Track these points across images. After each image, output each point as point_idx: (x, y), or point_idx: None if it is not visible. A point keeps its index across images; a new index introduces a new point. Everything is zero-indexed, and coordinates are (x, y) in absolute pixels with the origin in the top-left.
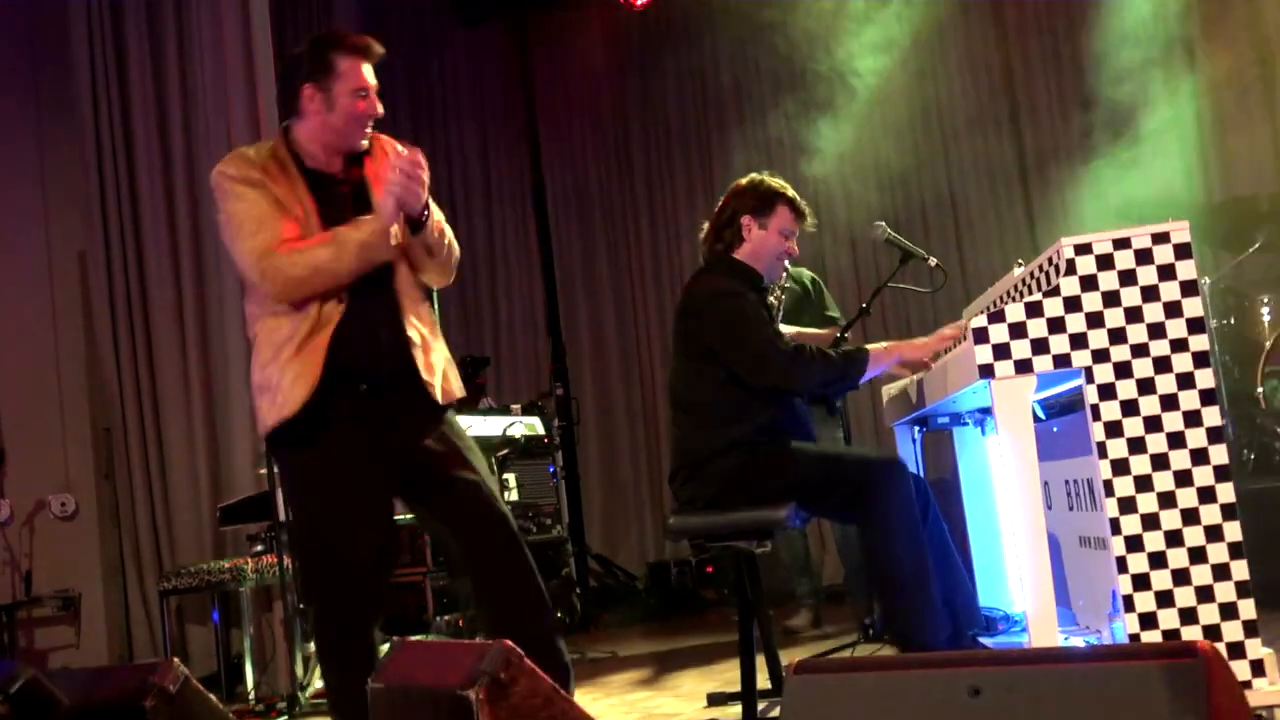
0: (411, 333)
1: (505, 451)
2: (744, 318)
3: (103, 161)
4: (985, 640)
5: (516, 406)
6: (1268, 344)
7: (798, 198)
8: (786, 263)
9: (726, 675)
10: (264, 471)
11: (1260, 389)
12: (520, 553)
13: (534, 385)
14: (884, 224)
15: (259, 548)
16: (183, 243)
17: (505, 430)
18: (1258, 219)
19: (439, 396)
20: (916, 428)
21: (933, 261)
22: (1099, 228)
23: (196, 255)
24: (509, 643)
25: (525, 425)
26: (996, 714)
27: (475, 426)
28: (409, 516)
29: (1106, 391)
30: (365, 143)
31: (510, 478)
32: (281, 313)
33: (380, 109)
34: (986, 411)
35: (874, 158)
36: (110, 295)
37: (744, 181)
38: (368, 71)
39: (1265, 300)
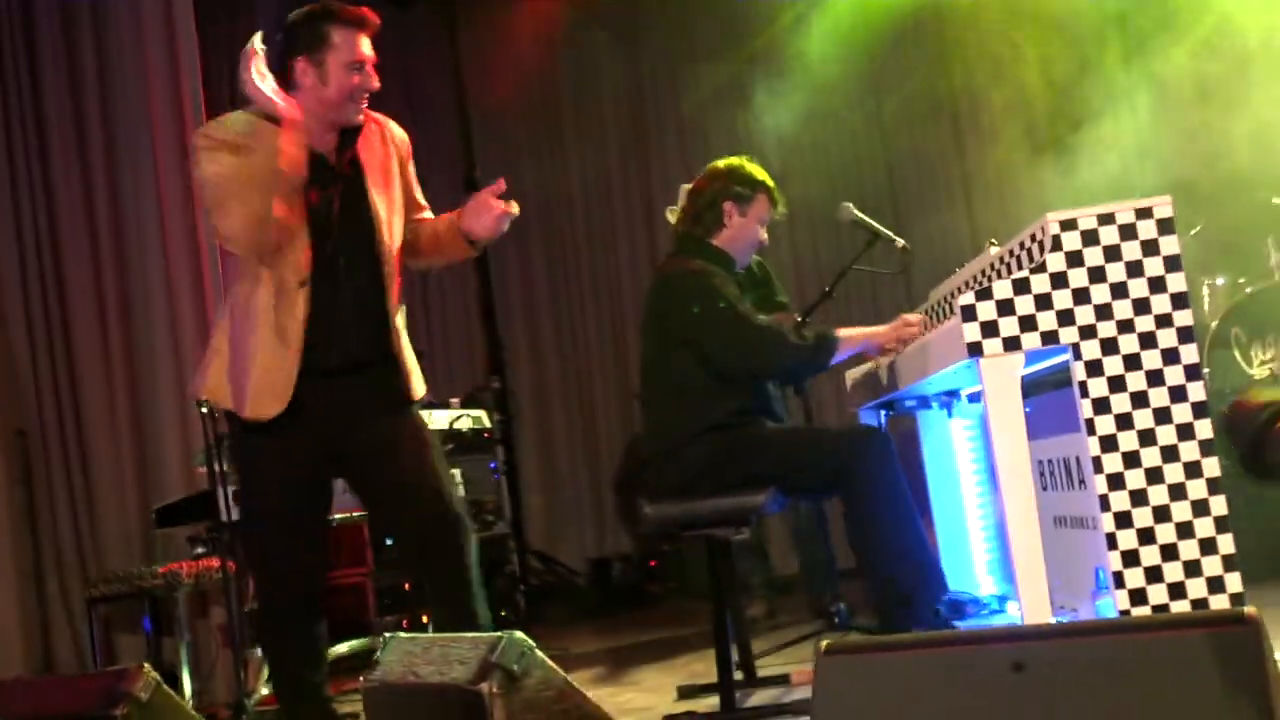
0: (397, 320)
1: (450, 446)
2: (719, 298)
3: (13, 151)
4: (956, 624)
5: (455, 400)
6: (1212, 326)
7: (775, 187)
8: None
9: (689, 668)
10: (203, 470)
11: (1206, 370)
12: (462, 560)
13: (468, 378)
14: (850, 205)
15: (200, 550)
16: (103, 236)
17: (451, 423)
18: (1196, 204)
19: (414, 392)
20: (883, 411)
21: (900, 243)
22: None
23: (118, 248)
24: (520, 634)
25: (470, 418)
26: (1041, 689)
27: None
28: (352, 515)
29: (1094, 368)
30: (359, 118)
31: (456, 473)
32: (255, 281)
33: (376, 82)
34: (953, 394)
35: (812, 141)
36: (24, 290)
37: (722, 165)
38: (364, 44)
39: (1206, 284)
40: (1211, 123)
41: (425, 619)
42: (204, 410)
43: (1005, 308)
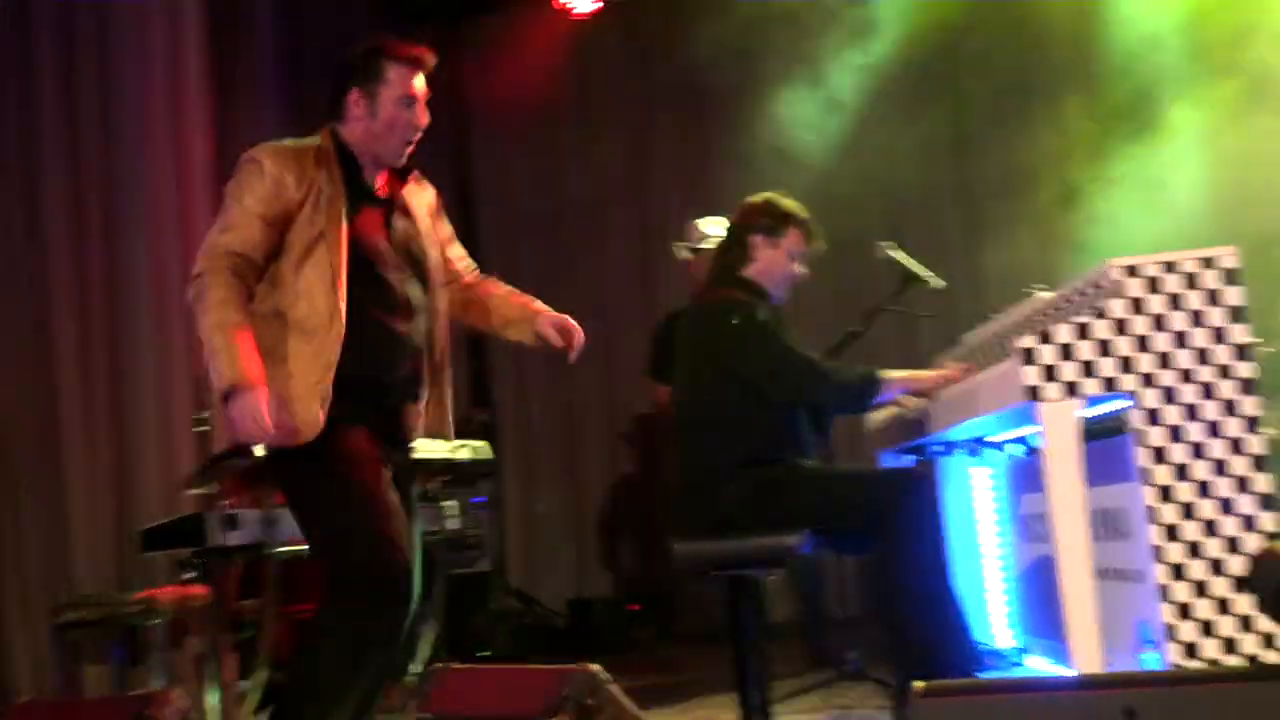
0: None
1: (448, 477)
2: (759, 327)
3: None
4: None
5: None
6: None
7: (810, 220)
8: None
9: (695, 713)
10: (197, 493)
11: None
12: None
13: (455, 410)
14: (887, 244)
15: (189, 575)
16: (93, 248)
17: (452, 452)
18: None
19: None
20: (908, 456)
21: (938, 284)
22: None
23: (108, 262)
24: (593, 666)
25: (471, 448)
26: None
27: (419, 448)
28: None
29: (1153, 417)
30: (404, 158)
31: (452, 505)
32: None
33: (425, 119)
34: (979, 440)
35: (816, 176)
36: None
37: (757, 200)
38: (418, 82)
39: None
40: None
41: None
42: (201, 429)
43: (1065, 352)
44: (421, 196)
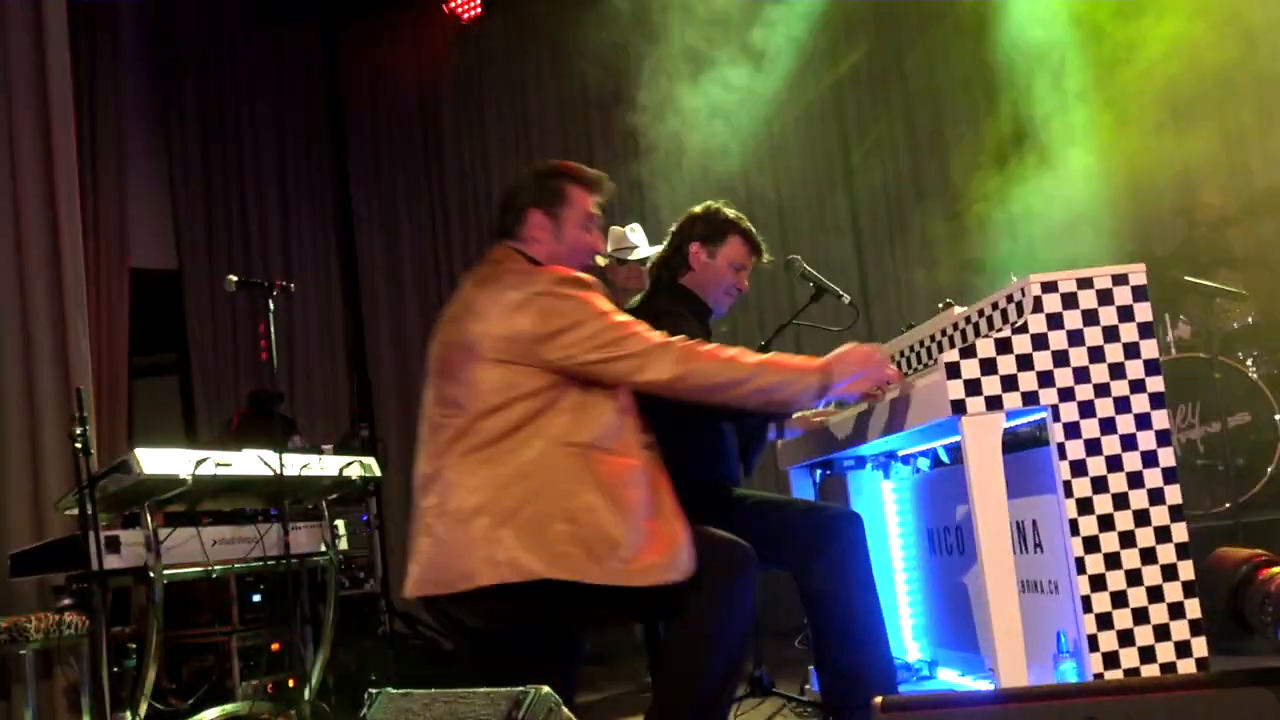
0: None
1: (335, 496)
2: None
3: None
4: None
5: (328, 447)
6: None
7: (753, 230)
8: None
9: None
10: (73, 513)
11: None
12: None
13: (333, 424)
14: (799, 257)
15: (67, 601)
16: None
17: (342, 470)
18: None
19: None
20: (818, 471)
21: (847, 298)
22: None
23: None
24: (546, 689)
25: (362, 465)
26: None
27: (311, 466)
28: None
29: (1072, 430)
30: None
31: (340, 524)
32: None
33: (603, 244)
34: (890, 455)
35: (702, 177)
36: None
37: (697, 209)
38: (596, 204)
39: None
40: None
41: (291, 683)
42: (79, 445)
43: (988, 366)
44: None
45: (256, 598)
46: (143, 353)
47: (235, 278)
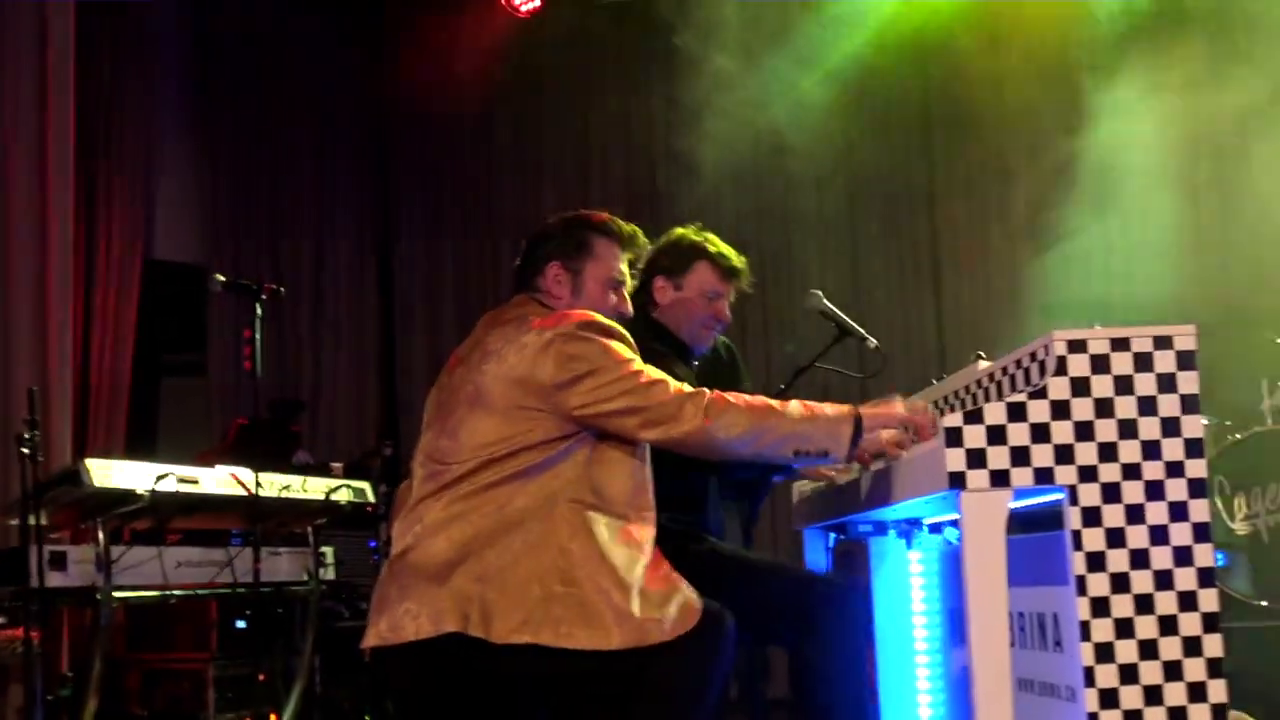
0: None
1: (323, 520)
2: None
3: None
4: None
5: (338, 466)
6: None
7: (726, 252)
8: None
9: None
10: (14, 523)
11: None
12: None
13: (356, 442)
14: (820, 293)
15: (1, 620)
16: None
17: (329, 494)
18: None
19: None
20: (832, 534)
21: (873, 343)
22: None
23: None
24: None
25: (352, 489)
26: None
27: (293, 487)
28: (196, 591)
29: (1091, 517)
30: None
31: (328, 552)
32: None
33: (628, 308)
34: (915, 523)
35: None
36: None
37: (662, 238)
38: (624, 263)
39: None
40: (1215, 247)
41: (272, 719)
42: (25, 450)
43: (996, 435)
44: None
45: (241, 624)
46: (172, 350)
47: (222, 277)
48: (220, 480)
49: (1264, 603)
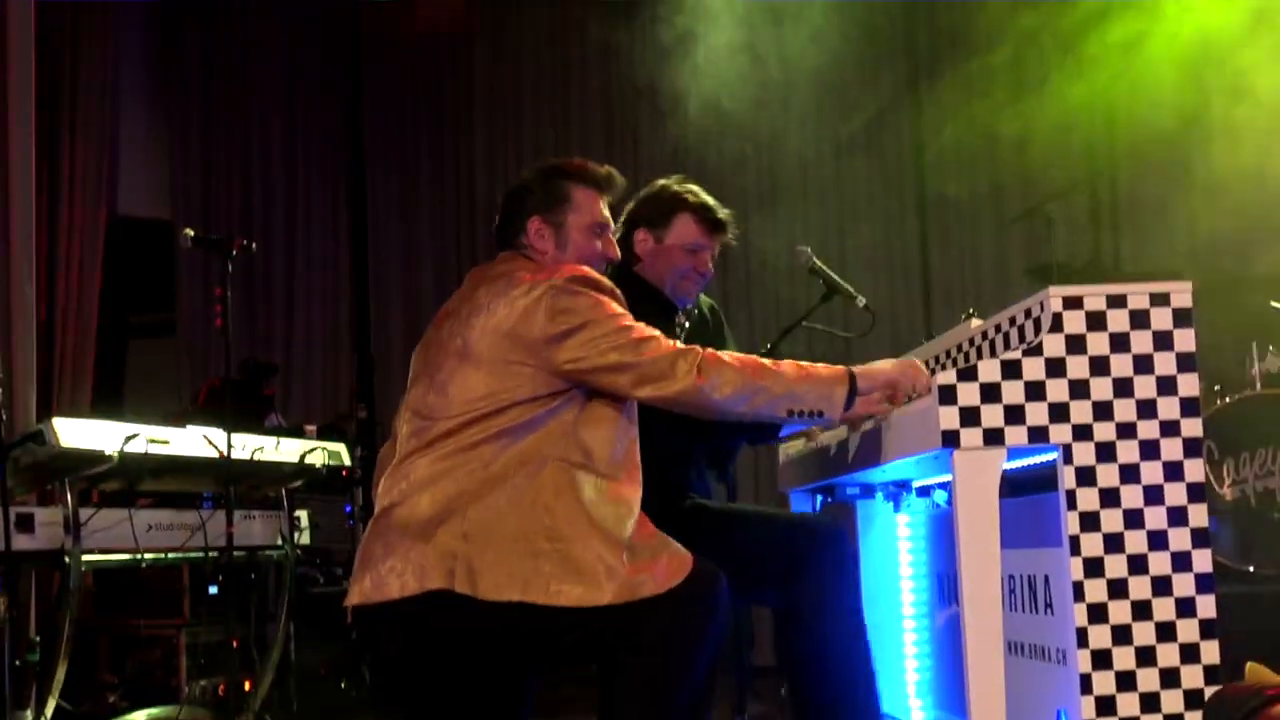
0: None
1: (298, 483)
2: None
3: None
4: None
5: (311, 428)
6: None
7: (709, 204)
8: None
9: None
10: None
11: None
12: None
13: (330, 404)
14: (808, 249)
15: None
16: None
17: (303, 457)
18: None
19: None
20: (819, 496)
21: (861, 301)
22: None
23: None
24: None
25: (327, 452)
26: None
27: (265, 449)
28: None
29: (1085, 476)
30: None
31: (302, 516)
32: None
33: (616, 251)
34: (904, 485)
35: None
36: None
37: (646, 188)
38: (605, 207)
39: None
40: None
41: (247, 686)
42: None
43: (990, 393)
44: None
45: (214, 589)
46: (140, 310)
47: (191, 232)
48: (191, 441)
49: (1250, 568)
